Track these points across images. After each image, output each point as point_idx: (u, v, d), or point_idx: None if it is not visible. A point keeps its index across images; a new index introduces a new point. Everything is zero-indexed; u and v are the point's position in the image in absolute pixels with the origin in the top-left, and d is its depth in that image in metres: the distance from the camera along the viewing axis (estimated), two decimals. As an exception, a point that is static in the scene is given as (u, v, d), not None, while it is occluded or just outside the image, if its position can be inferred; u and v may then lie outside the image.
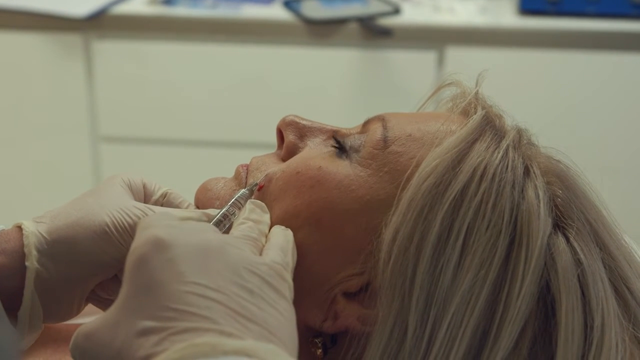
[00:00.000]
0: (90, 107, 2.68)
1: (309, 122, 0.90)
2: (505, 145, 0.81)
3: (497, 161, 0.79)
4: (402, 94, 2.52)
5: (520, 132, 0.85)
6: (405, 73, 2.55)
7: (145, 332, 0.65)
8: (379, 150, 0.83)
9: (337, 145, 0.86)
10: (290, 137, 0.89)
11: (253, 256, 0.72)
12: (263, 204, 0.82)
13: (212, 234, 0.72)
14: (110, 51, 2.63)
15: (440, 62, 2.55)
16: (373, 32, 2.52)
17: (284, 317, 0.69)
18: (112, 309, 0.69)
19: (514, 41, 2.54)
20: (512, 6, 2.66)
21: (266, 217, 0.81)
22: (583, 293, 0.77)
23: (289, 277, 0.73)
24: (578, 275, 0.77)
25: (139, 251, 0.69)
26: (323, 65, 2.61)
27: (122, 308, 0.68)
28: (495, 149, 0.81)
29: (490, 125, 0.83)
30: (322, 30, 2.56)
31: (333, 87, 2.62)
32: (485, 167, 0.79)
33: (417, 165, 0.80)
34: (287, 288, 0.71)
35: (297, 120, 0.90)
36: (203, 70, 2.63)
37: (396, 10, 2.57)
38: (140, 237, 0.71)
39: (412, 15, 2.59)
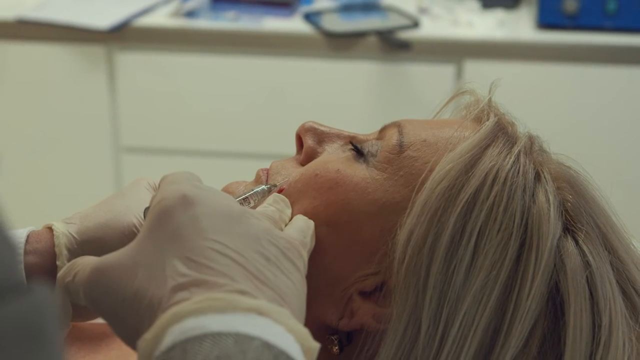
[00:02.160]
0: (112, 118, 2.71)
1: (327, 128, 0.92)
2: (516, 151, 0.83)
3: (508, 166, 0.82)
4: (421, 107, 2.54)
5: (531, 139, 0.87)
6: (424, 86, 2.58)
7: (165, 279, 0.67)
8: (394, 155, 0.86)
9: (354, 150, 0.88)
10: (309, 142, 0.91)
11: (273, 229, 0.74)
12: (287, 199, 0.85)
13: (235, 203, 0.75)
14: (133, 63, 2.67)
15: (459, 75, 2.57)
16: (392, 45, 2.55)
17: (296, 288, 0.71)
18: (129, 250, 0.70)
19: (532, 55, 2.56)
20: (530, 20, 2.68)
21: (288, 211, 0.83)
22: (591, 294, 0.79)
23: (305, 254, 0.75)
24: (587, 277, 0.79)
25: (164, 203, 0.71)
26: (342, 78, 2.63)
27: (142, 252, 0.69)
28: (507, 154, 0.83)
29: (502, 132, 0.86)
30: (341, 43, 2.59)
31: (352, 100, 2.64)
32: (497, 172, 0.81)
33: (432, 170, 0.82)
34: (302, 263, 0.73)
35: (316, 126, 0.92)
36: (224, 82, 2.66)
37: (415, 24, 2.60)
38: (167, 190, 0.72)
39: (430, 28, 2.61)
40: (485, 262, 0.78)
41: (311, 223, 0.82)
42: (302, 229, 0.80)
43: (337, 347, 0.84)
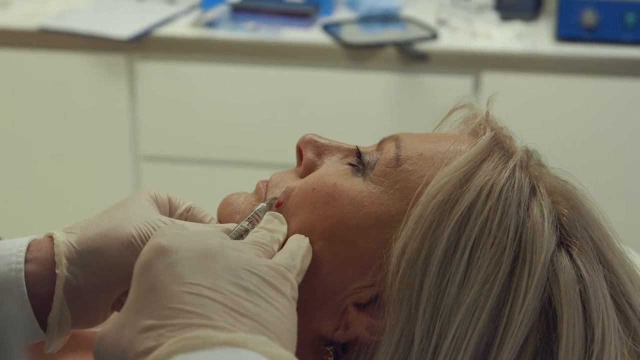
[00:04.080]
0: (132, 127, 2.72)
1: (326, 141, 0.93)
2: (512, 165, 0.84)
3: (503, 180, 0.82)
4: (438, 119, 2.53)
5: (528, 153, 0.87)
6: (442, 98, 2.57)
7: (146, 330, 0.70)
8: (391, 169, 0.86)
9: (352, 163, 0.89)
10: (309, 154, 0.92)
11: (255, 258, 0.75)
12: (281, 215, 0.86)
13: (215, 239, 0.76)
14: (153, 72, 2.68)
15: (477, 87, 2.57)
16: (410, 56, 2.55)
17: (281, 313, 0.72)
18: (121, 312, 0.74)
19: (550, 67, 2.56)
20: (548, 33, 2.68)
21: (283, 228, 0.85)
22: (584, 307, 0.79)
23: (292, 277, 0.76)
24: (580, 291, 0.80)
25: (143, 258, 0.75)
26: (361, 89, 2.64)
27: (128, 310, 0.73)
28: (503, 168, 0.83)
29: (498, 146, 0.86)
30: (360, 54, 2.60)
31: (370, 111, 2.65)
32: (492, 186, 0.82)
33: (427, 183, 0.83)
34: (288, 287, 0.75)
35: (316, 138, 0.93)
36: (243, 92, 2.67)
37: (433, 36, 2.60)
38: (147, 246, 0.76)
39: (449, 40, 2.62)
40: (479, 275, 0.79)
41: (304, 243, 0.83)
42: (292, 251, 0.81)
43: (332, 358, 0.85)
